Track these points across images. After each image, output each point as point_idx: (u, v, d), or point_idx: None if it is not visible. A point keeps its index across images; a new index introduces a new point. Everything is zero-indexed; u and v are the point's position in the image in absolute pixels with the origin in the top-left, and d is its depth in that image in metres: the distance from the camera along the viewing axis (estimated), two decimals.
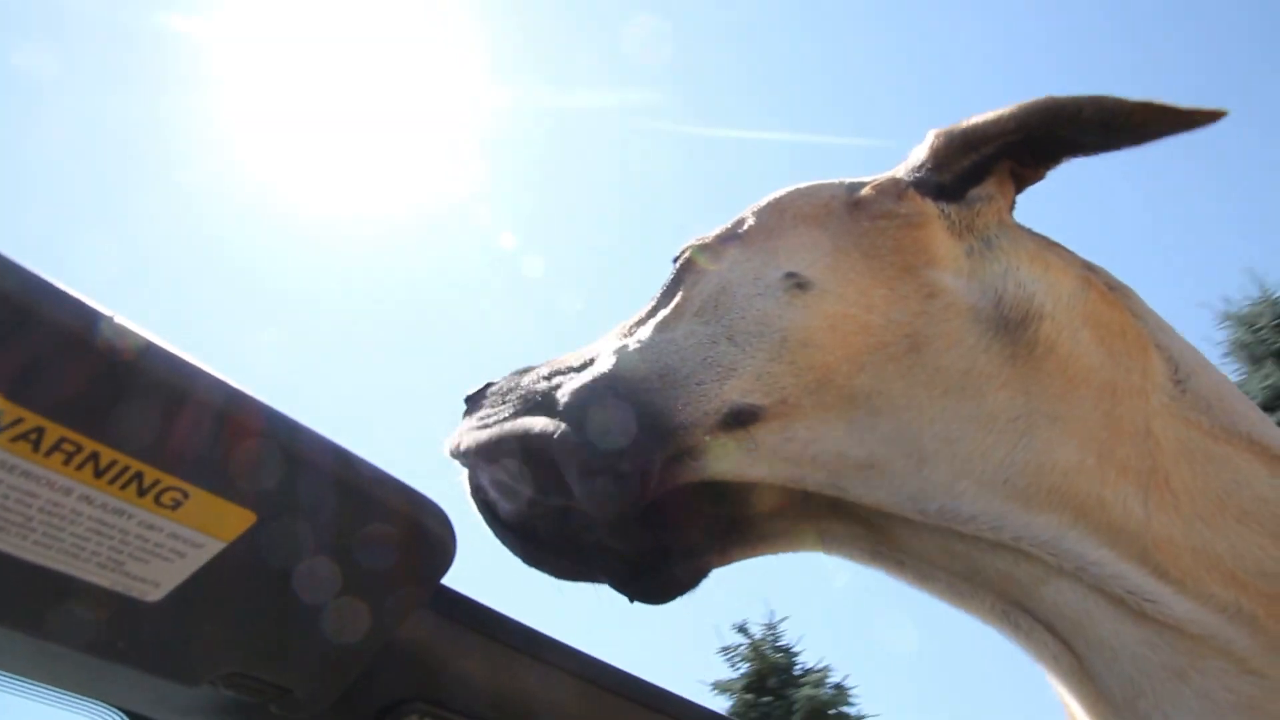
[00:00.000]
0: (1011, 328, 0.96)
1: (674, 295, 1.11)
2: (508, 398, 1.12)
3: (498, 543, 1.13)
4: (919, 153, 1.11)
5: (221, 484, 0.75)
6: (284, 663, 0.95)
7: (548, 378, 1.12)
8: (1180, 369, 0.97)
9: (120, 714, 1.03)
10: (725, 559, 1.09)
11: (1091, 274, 1.05)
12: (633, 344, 1.07)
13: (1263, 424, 0.95)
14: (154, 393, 0.69)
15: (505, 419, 1.10)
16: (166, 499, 0.73)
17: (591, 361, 1.10)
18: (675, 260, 1.16)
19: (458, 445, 1.13)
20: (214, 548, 0.79)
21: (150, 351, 0.68)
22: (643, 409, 0.99)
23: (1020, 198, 1.14)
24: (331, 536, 0.87)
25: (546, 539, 1.08)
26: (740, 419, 0.97)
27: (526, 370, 1.16)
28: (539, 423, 1.06)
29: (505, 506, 1.09)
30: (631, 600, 1.09)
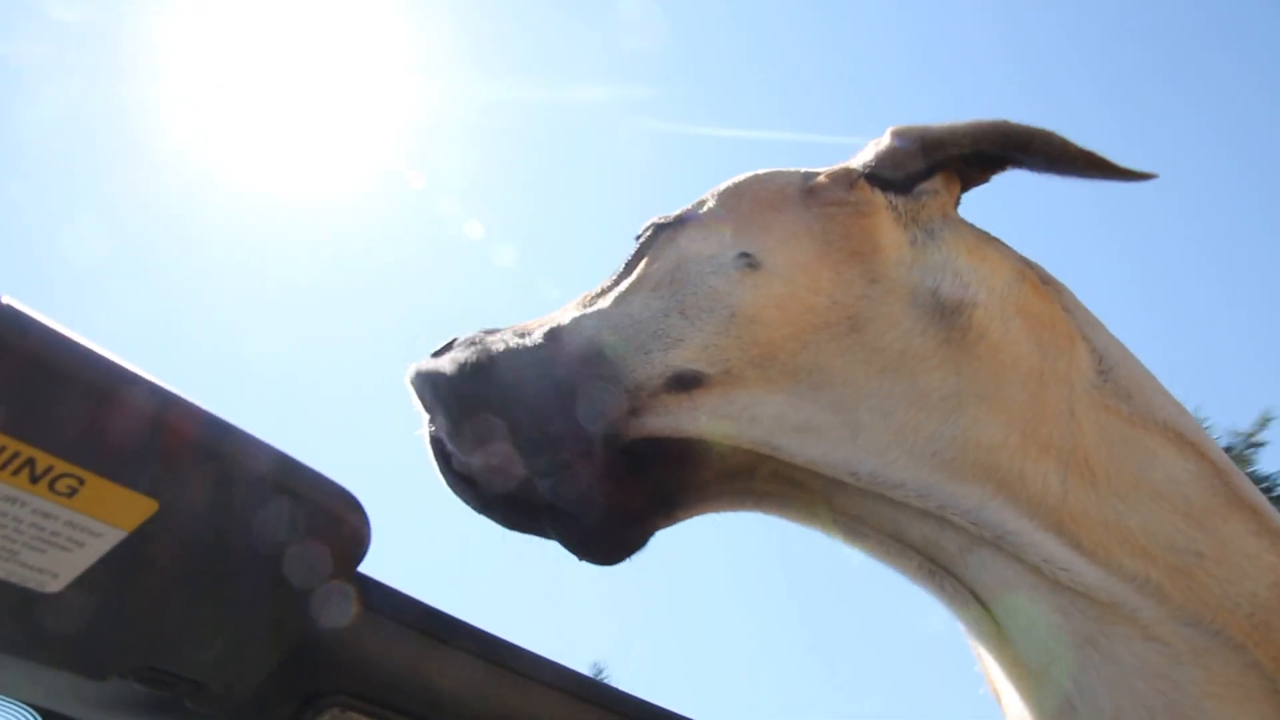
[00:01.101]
0: (947, 314, 1.02)
1: (634, 270, 1.18)
2: (470, 354, 1.16)
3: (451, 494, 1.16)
4: (874, 147, 1.17)
5: (119, 470, 0.73)
6: (195, 656, 0.93)
7: (510, 339, 1.16)
8: (1104, 360, 1.03)
9: (32, 712, 1.01)
10: (670, 520, 1.13)
11: (1027, 269, 1.11)
12: (592, 314, 1.14)
13: (1179, 413, 1.01)
14: (44, 375, 0.67)
15: (467, 375, 1.13)
16: (61, 486, 0.72)
17: (554, 328, 1.15)
18: (638, 237, 1.23)
19: (421, 394, 1.16)
20: (114, 537, 0.77)
21: (40, 333, 0.67)
22: (602, 374, 1.07)
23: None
24: (239, 525, 0.86)
25: (498, 491, 1.11)
26: (683, 383, 1.04)
27: (492, 331, 1.20)
28: (497, 383, 1.11)
29: (459, 458, 1.12)
30: (580, 559, 1.12)
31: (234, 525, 0.86)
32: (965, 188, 1.18)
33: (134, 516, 0.78)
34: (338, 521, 0.91)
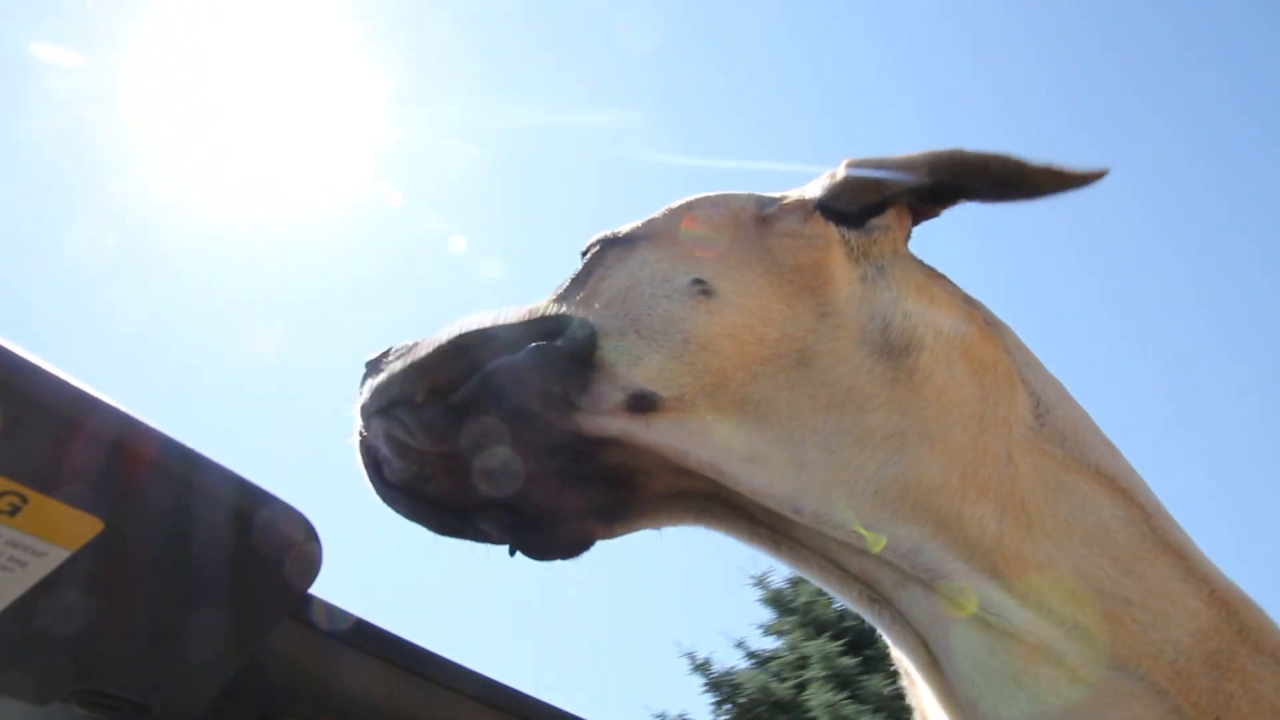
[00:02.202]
0: (895, 354, 1.04)
1: (583, 285, 1.16)
2: (411, 353, 1.14)
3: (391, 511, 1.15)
4: (829, 178, 1.18)
5: (64, 489, 0.73)
6: (140, 678, 0.92)
7: (456, 342, 1.15)
8: (1042, 403, 1.05)
9: None
10: (610, 532, 1.14)
11: (973, 309, 1.13)
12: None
13: (1111, 456, 1.04)
14: None
15: (406, 368, 1.12)
16: (3, 504, 0.71)
17: (504, 333, 1.13)
18: (584, 253, 1.22)
19: (362, 398, 1.14)
20: (58, 556, 0.76)
21: None
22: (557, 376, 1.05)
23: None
24: (186, 545, 0.85)
25: (431, 496, 1.10)
26: (641, 404, 1.03)
27: (427, 337, 1.18)
28: (449, 366, 1.10)
29: (394, 464, 1.10)
30: (513, 553, 1.13)
31: (183, 546, 0.86)
32: (915, 221, 1.20)
33: (79, 536, 0.77)
34: (289, 543, 0.90)
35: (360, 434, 1.14)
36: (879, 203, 1.14)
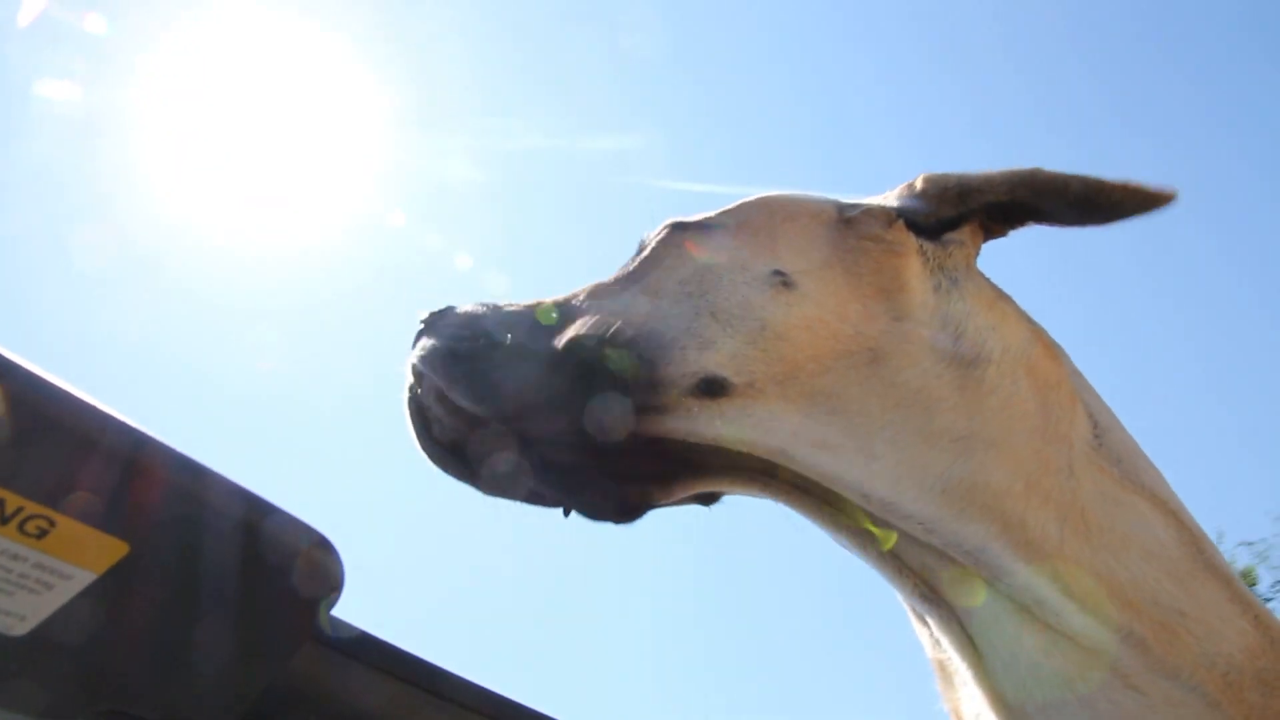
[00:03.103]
0: (964, 363, 1.06)
1: (654, 268, 1.18)
2: (485, 323, 1.14)
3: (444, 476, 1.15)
4: (907, 190, 1.21)
5: (90, 512, 0.73)
6: (163, 699, 0.92)
7: (525, 314, 1.15)
8: (1099, 425, 1.09)
9: None
10: (668, 496, 1.14)
11: (1037, 329, 1.16)
12: (616, 302, 1.14)
13: (1160, 481, 1.07)
14: (15, 414, 0.67)
15: (491, 342, 1.11)
16: (31, 527, 0.71)
17: (571, 310, 1.15)
18: (646, 238, 1.23)
19: (420, 354, 1.12)
20: (84, 579, 0.76)
21: (12, 373, 0.67)
22: (635, 358, 1.06)
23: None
24: (209, 567, 0.85)
25: (481, 458, 1.09)
26: (711, 389, 1.04)
27: (495, 305, 1.18)
28: (546, 346, 1.10)
29: (444, 423, 1.09)
30: (568, 514, 1.13)
31: (204, 567, 0.86)
32: (985, 239, 1.23)
33: (105, 559, 0.77)
34: (310, 563, 0.90)
35: (411, 390, 1.13)
36: (956, 217, 1.17)
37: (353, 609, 1.11)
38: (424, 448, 1.13)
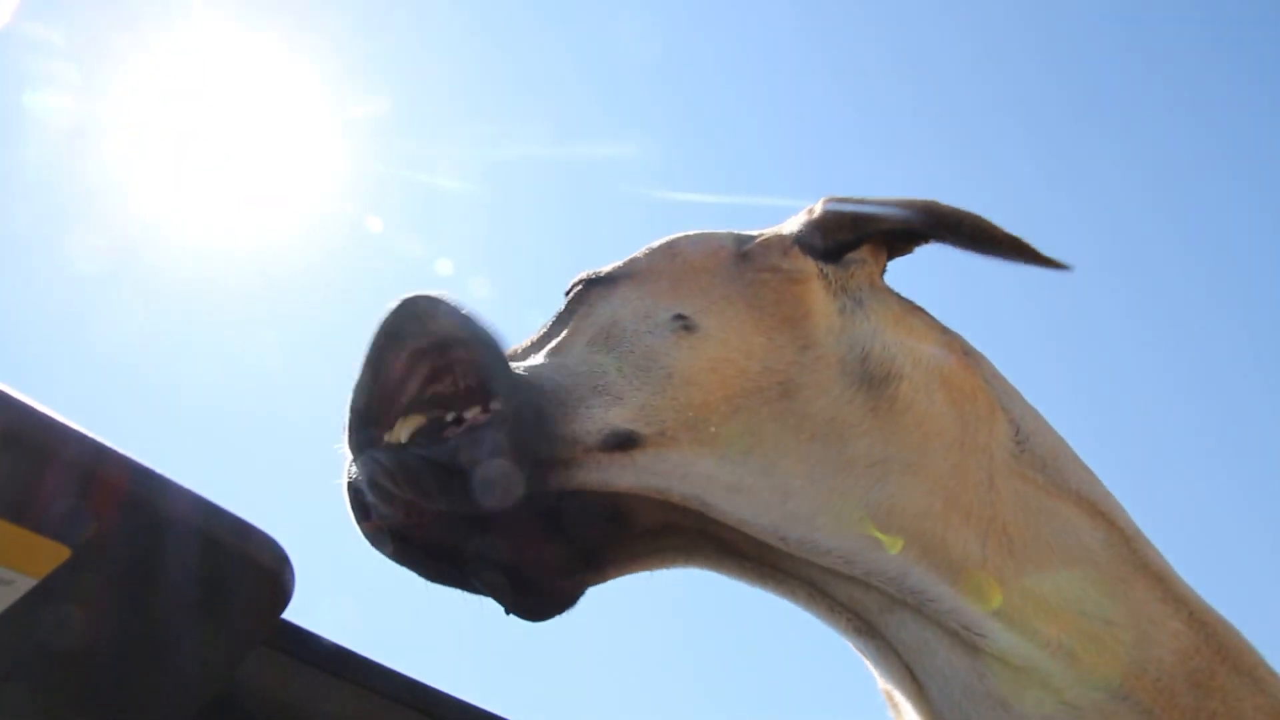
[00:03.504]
0: (875, 384, 1.05)
1: (566, 324, 1.17)
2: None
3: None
4: (806, 215, 1.21)
5: (27, 515, 0.72)
6: (108, 709, 0.91)
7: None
8: (1021, 430, 1.07)
9: None
10: (601, 577, 1.13)
11: (950, 339, 1.15)
12: (528, 364, 1.12)
13: (1090, 481, 1.06)
14: None
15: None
16: None
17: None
18: (567, 292, 1.22)
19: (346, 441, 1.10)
20: (23, 585, 0.75)
21: None
22: (534, 417, 1.03)
23: None
24: (158, 572, 0.84)
25: (419, 543, 1.08)
26: (621, 443, 1.02)
27: None
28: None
29: (380, 509, 1.07)
30: (508, 613, 1.11)
31: (152, 573, 0.85)
32: (890, 256, 1.23)
33: (44, 564, 0.76)
34: (257, 568, 0.89)
35: (348, 474, 1.11)
36: (855, 239, 1.17)
37: (306, 614, 1.11)
38: (362, 531, 1.10)
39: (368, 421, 1.06)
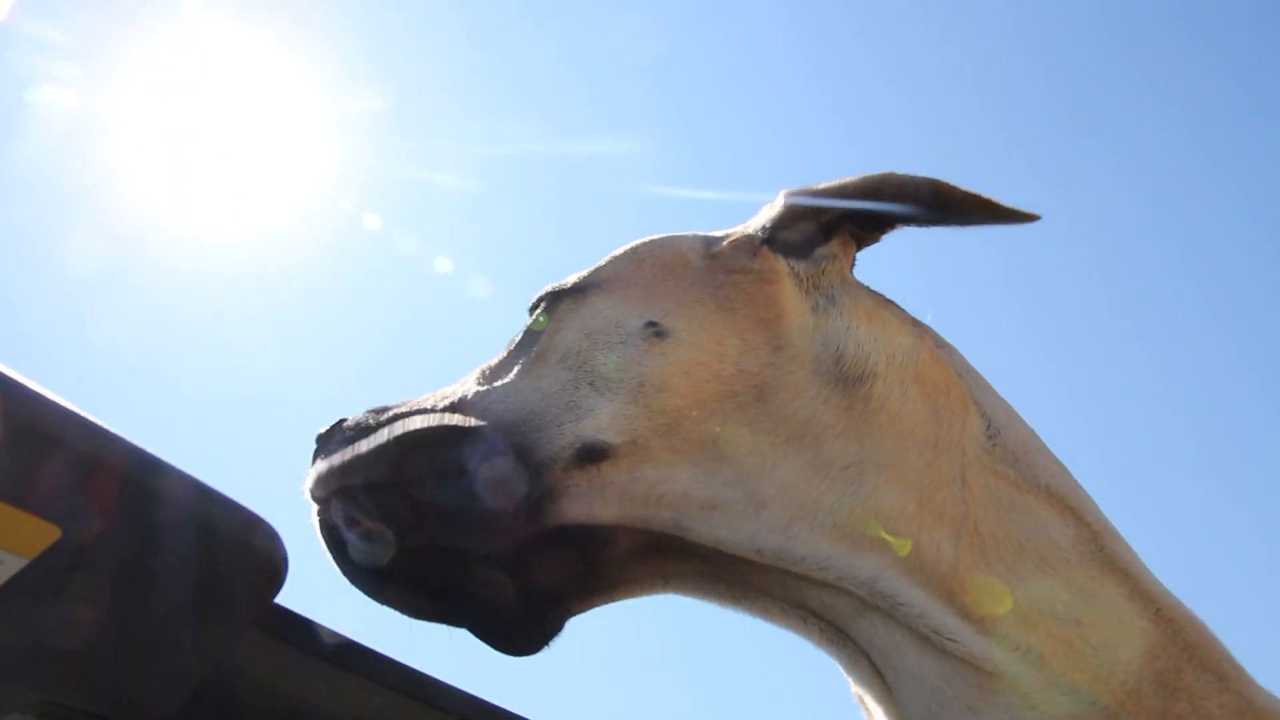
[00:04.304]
0: (849, 382, 1.04)
1: (535, 341, 1.15)
2: (369, 433, 1.10)
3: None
4: (770, 211, 1.19)
5: (17, 493, 0.72)
6: (100, 690, 0.91)
7: (410, 415, 1.11)
8: (992, 424, 1.07)
9: None
10: (585, 605, 1.12)
11: (922, 332, 1.14)
12: (500, 387, 1.11)
13: (1061, 476, 1.06)
14: None
15: (368, 452, 1.07)
16: None
17: (457, 402, 1.12)
18: (531, 306, 1.20)
19: (315, 479, 1.09)
20: (14, 565, 0.75)
21: None
22: (511, 447, 1.02)
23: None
24: (149, 553, 0.84)
25: (402, 577, 1.06)
26: (591, 455, 1.01)
27: (383, 409, 1.15)
28: (409, 455, 1.05)
29: (359, 545, 1.06)
30: (494, 649, 1.10)
31: (143, 554, 0.85)
32: (859, 247, 1.21)
33: (35, 544, 0.76)
34: (251, 551, 0.89)
35: (319, 513, 1.09)
36: (821, 231, 1.16)
37: (299, 598, 1.11)
38: (341, 569, 1.08)
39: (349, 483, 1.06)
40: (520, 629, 1.08)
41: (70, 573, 0.79)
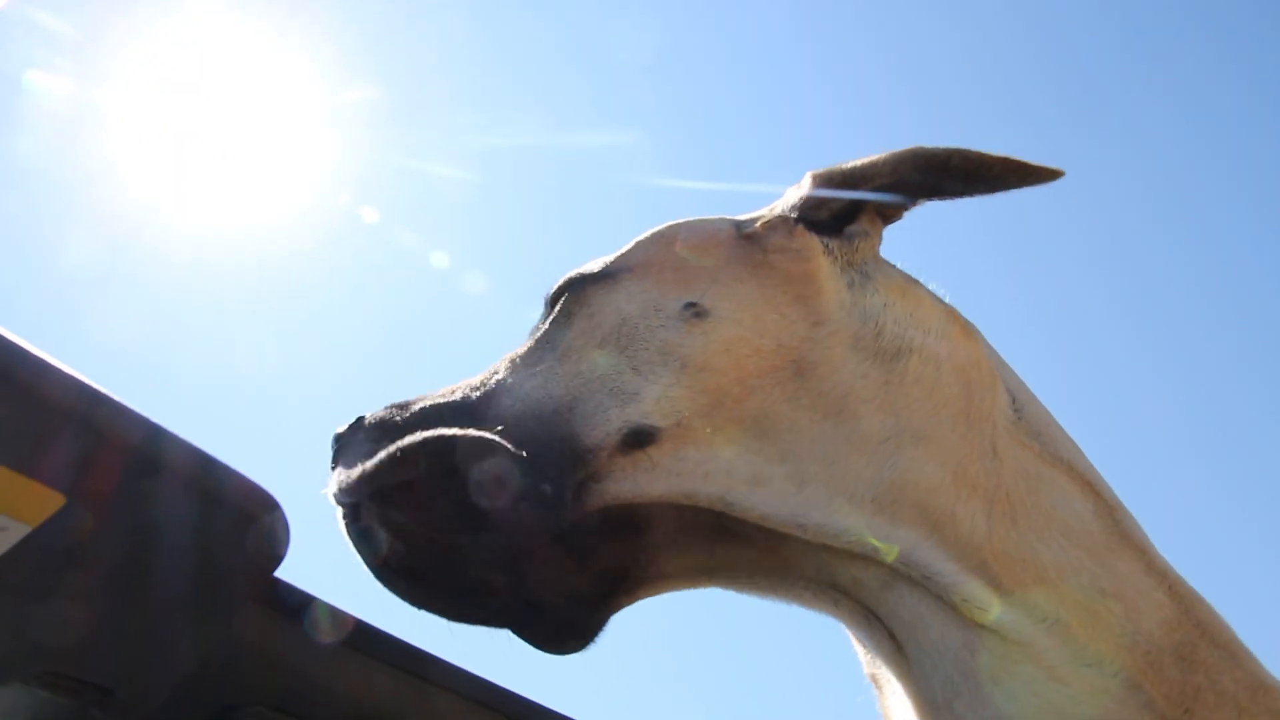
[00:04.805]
0: (887, 358, 1.06)
1: (567, 327, 1.14)
2: (396, 432, 1.07)
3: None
4: (797, 192, 1.20)
5: (22, 459, 0.72)
6: (103, 660, 0.91)
7: (442, 409, 1.10)
8: (1017, 400, 1.10)
9: None
10: (629, 599, 1.13)
11: (951, 310, 1.16)
12: (537, 374, 1.09)
13: (1076, 452, 1.09)
14: None
15: (403, 454, 1.03)
16: None
17: (490, 393, 1.10)
18: (553, 295, 1.19)
19: (344, 483, 1.05)
20: (18, 531, 0.76)
21: None
22: (556, 435, 1.02)
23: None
24: (153, 522, 0.84)
25: (438, 580, 1.04)
26: (639, 440, 1.01)
27: (406, 404, 1.12)
28: (453, 448, 1.02)
29: (396, 546, 1.03)
30: (539, 649, 1.11)
31: (147, 523, 0.85)
32: (885, 224, 1.22)
33: (40, 511, 0.76)
34: (253, 523, 0.90)
35: (347, 518, 1.05)
36: (852, 209, 1.17)
37: (300, 572, 1.11)
38: (377, 575, 1.05)
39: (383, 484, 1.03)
40: (566, 627, 1.09)
41: (75, 540, 0.80)
